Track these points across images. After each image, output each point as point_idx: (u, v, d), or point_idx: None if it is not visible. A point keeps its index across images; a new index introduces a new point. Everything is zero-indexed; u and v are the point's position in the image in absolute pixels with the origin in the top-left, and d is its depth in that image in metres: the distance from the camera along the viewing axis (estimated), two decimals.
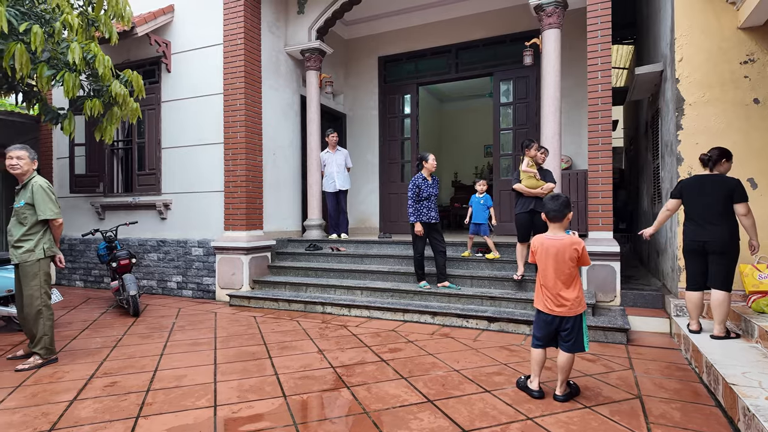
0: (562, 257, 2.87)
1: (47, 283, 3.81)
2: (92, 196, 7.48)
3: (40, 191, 3.73)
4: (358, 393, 3.08)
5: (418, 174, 5.47)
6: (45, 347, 3.75)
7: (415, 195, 5.36)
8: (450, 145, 13.36)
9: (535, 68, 7.22)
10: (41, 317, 3.73)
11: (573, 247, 2.86)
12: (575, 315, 2.86)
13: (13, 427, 2.63)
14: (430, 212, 5.38)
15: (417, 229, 5.32)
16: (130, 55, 7.07)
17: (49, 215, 3.74)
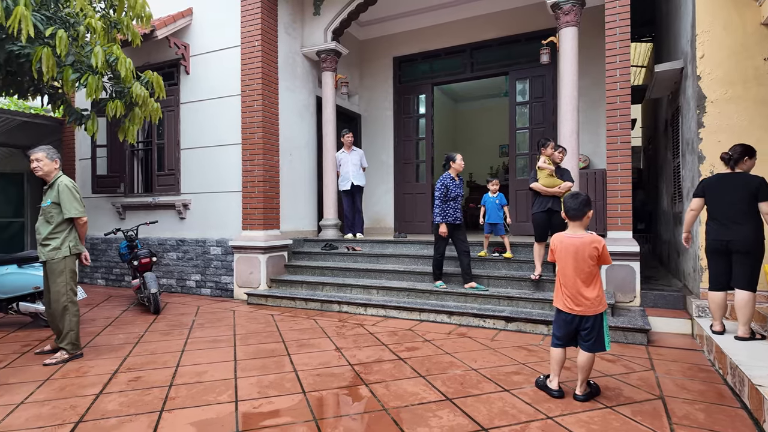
0: (581, 255, 2.85)
1: (73, 280, 3.90)
2: (113, 197, 7.64)
3: (66, 190, 3.84)
4: (376, 390, 3.10)
5: (446, 174, 5.36)
6: (71, 342, 3.85)
7: (443, 195, 5.25)
8: (464, 145, 13.30)
9: (551, 67, 7.17)
10: (67, 313, 3.82)
11: (593, 245, 2.84)
12: (595, 314, 2.84)
13: (42, 419, 2.71)
14: (456, 213, 5.30)
15: (441, 230, 5.22)
16: (150, 57, 7.20)
17: (74, 214, 3.83)
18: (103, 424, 2.64)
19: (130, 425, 2.61)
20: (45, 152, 3.93)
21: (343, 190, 7.37)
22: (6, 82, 4.99)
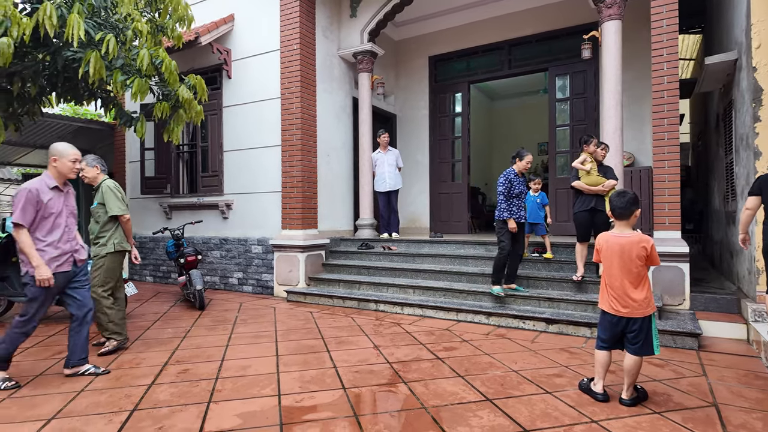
0: (628, 256, 2.77)
1: (112, 276, 4.10)
2: (160, 197, 7.99)
3: (108, 191, 4.09)
4: (415, 389, 3.11)
5: (510, 169, 5.06)
6: (113, 332, 4.06)
7: (506, 190, 4.94)
8: (501, 144, 13.11)
9: (593, 62, 6.96)
10: (98, 305, 3.99)
11: (641, 245, 2.75)
12: (643, 316, 2.75)
13: (101, 406, 2.88)
14: (520, 211, 5.03)
15: (511, 225, 4.88)
16: (195, 63, 7.48)
17: (116, 211, 4.06)
18: (155, 413, 2.77)
19: (181, 415, 2.74)
20: (85, 161, 4.16)
21: (378, 190, 7.41)
22: (64, 88, 5.32)
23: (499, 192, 5.01)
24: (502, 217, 4.98)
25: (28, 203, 3.19)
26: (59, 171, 3.39)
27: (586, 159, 4.91)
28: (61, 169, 3.38)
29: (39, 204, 3.23)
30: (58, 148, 3.40)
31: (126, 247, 4.19)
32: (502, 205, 4.99)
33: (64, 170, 3.39)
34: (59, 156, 3.38)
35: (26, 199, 3.18)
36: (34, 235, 3.23)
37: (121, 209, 4.11)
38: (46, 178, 3.36)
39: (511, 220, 4.92)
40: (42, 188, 3.28)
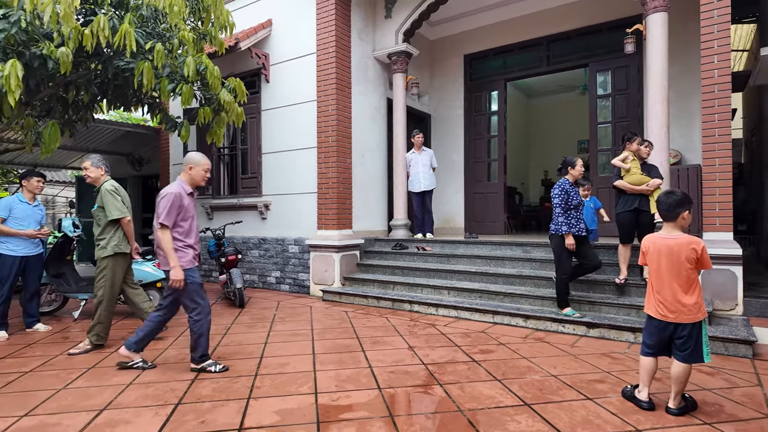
0: (677, 258, 2.65)
1: (117, 279, 4.14)
2: (203, 198, 8.27)
3: (106, 194, 4.10)
4: (451, 391, 3.09)
5: (564, 180, 4.69)
6: (97, 334, 4.09)
7: (563, 202, 4.57)
8: (539, 142, 12.83)
9: (636, 56, 6.71)
10: (101, 307, 4.07)
11: (691, 246, 2.62)
12: (693, 322, 2.62)
13: (148, 399, 3.01)
14: (579, 223, 4.64)
15: (569, 242, 4.51)
16: (234, 68, 7.70)
17: (115, 215, 4.06)
18: (198, 407, 2.88)
19: (222, 410, 2.83)
20: (91, 161, 4.21)
21: (413, 190, 7.40)
22: (114, 95, 5.61)
23: (556, 204, 4.63)
24: (560, 231, 4.57)
25: (173, 207, 3.41)
26: (193, 178, 3.59)
27: (627, 157, 4.73)
28: (194, 176, 3.59)
29: (180, 207, 3.46)
30: (193, 157, 3.61)
31: (125, 250, 4.17)
32: (559, 219, 4.59)
33: (198, 178, 3.60)
34: (194, 164, 3.57)
35: (171, 203, 3.40)
36: (174, 236, 3.44)
37: (121, 212, 4.09)
38: (183, 184, 3.56)
39: (569, 236, 4.54)
40: (182, 193, 3.50)
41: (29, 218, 4.76)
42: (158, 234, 3.40)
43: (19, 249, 4.66)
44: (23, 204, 4.74)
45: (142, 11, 4.85)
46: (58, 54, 4.01)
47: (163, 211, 3.38)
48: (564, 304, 4.68)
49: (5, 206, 4.61)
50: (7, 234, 4.59)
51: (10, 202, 4.67)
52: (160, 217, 3.39)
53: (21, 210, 4.70)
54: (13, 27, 3.83)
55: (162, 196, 3.45)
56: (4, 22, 3.85)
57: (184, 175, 3.61)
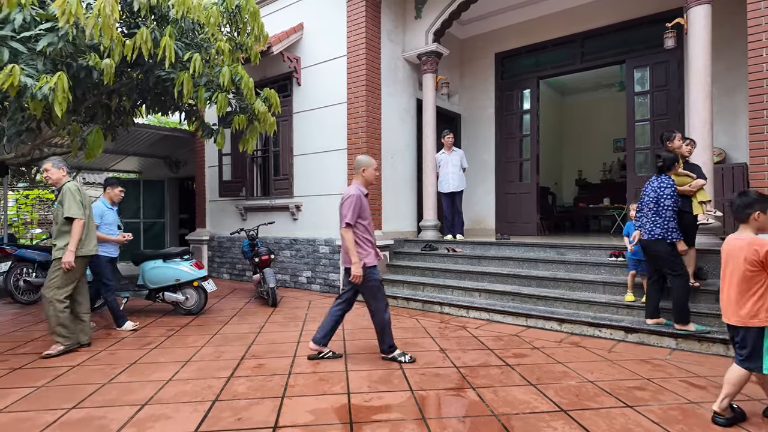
0: (738, 259, 2.54)
1: (71, 280, 4.08)
2: (236, 199, 8.47)
3: (68, 193, 4.09)
4: (484, 395, 3.05)
5: (667, 177, 4.14)
6: (59, 335, 4.02)
7: (675, 203, 4.06)
8: (573, 141, 12.53)
9: (677, 52, 6.46)
10: (50, 308, 4.00)
11: (753, 247, 2.50)
12: (746, 326, 2.51)
13: (187, 395, 3.11)
14: None
15: (681, 248, 4.09)
16: (267, 72, 7.86)
17: (70, 213, 4.02)
18: (234, 404, 2.95)
19: (257, 408, 2.89)
20: (51, 162, 4.19)
21: (442, 191, 7.36)
22: (153, 101, 5.82)
23: (667, 206, 4.03)
24: (672, 238, 4.02)
25: (356, 207, 3.63)
26: (367, 179, 3.78)
27: None
28: (368, 177, 3.78)
29: (361, 208, 3.68)
30: (364, 160, 3.78)
31: (84, 253, 4.12)
32: (669, 224, 4.03)
33: (371, 177, 3.80)
34: (366, 166, 3.76)
35: (355, 204, 3.62)
36: (356, 233, 3.68)
37: (77, 213, 4.04)
38: (359, 187, 3.75)
39: (680, 242, 4.07)
40: (361, 194, 3.71)
41: (114, 223, 5.16)
42: (342, 233, 3.65)
43: (110, 251, 5.04)
44: (109, 210, 5.10)
45: (181, 24, 5.01)
46: (102, 65, 4.20)
47: (348, 211, 3.61)
48: (686, 320, 4.03)
49: (98, 214, 4.92)
50: (104, 240, 4.89)
51: (101, 209, 5.01)
52: (346, 217, 3.61)
53: (109, 216, 5.09)
54: (60, 41, 4.03)
55: (345, 199, 3.67)
56: (53, 35, 4.06)
57: (358, 178, 3.81)
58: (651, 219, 4.10)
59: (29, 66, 4.01)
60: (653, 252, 4.12)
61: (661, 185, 4.10)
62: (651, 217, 4.10)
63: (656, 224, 4.05)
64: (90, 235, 4.26)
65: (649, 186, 4.22)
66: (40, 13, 4.16)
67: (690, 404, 2.86)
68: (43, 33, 4.06)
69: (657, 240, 4.05)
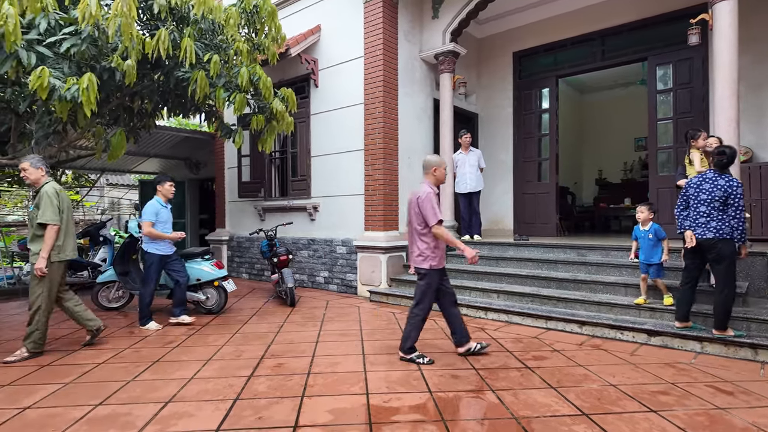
0: None
1: (54, 286, 4.01)
2: (255, 200, 8.57)
3: (45, 196, 3.91)
4: (504, 397, 3.03)
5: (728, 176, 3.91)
6: (33, 341, 3.98)
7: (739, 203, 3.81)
8: (593, 140, 12.33)
9: (701, 48, 6.31)
10: (37, 314, 3.95)
11: None
12: None
13: (209, 393, 3.16)
14: None
15: (745, 252, 3.92)
16: (285, 74, 7.93)
17: (43, 219, 3.86)
18: (255, 403, 2.98)
19: (277, 407, 2.92)
20: (29, 161, 4.01)
21: (459, 192, 7.32)
22: (174, 103, 5.93)
23: (739, 206, 3.78)
24: (741, 240, 3.81)
25: (435, 202, 3.68)
26: (438, 178, 3.82)
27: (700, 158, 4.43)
28: (439, 176, 3.82)
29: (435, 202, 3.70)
30: (434, 160, 3.80)
31: (63, 258, 4.01)
32: (732, 222, 3.79)
33: (442, 177, 3.84)
34: (437, 166, 3.79)
35: (433, 200, 3.67)
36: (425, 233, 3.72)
37: (52, 219, 3.88)
38: (431, 186, 3.77)
39: (745, 246, 3.90)
40: (433, 192, 3.75)
41: (168, 220, 5.24)
42: (435, 231, 3.65)
43: (162, 248, 5.11)
44: (164, 208, 5.20)
45: (201, 25, 5.09)
46: (124, 66, 4.30)
47: (431, 209, 3.64)
48: (727, 325, 3.91)
49: (153, 212, 5.05)
50: (159, 237, 5.02)
51: (156, 207, 5.12)
52: (435, 215, 3.63)
53: (164, 214, 5.18)
54: (83, 43, 4.14)
55: (420, 198, 3.70)
56: (76, 38, 4.17)
57: (429, 178, 3.82)
58: (717, 218, 3.82)
59: (55, 69, 4.12)
60: (717, 252, 3.81)
61: (731, 184, 3.81)
62: (717, 216, 3.82)
63: (724, 223, 3.80)
64: (68, 241, 4.07)
65: (709, 183, 3.90)
66: (63, 17, 4.28)
67: (717, 410, 2.80)
68: (66, 36, 4.17)
69: (725, 240, 3.79)
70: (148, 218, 5.01)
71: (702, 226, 3.90)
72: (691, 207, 4.00)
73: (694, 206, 3.98)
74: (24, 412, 2.89)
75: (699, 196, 3.95)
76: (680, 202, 4.13)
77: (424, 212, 3.68)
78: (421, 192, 3.72)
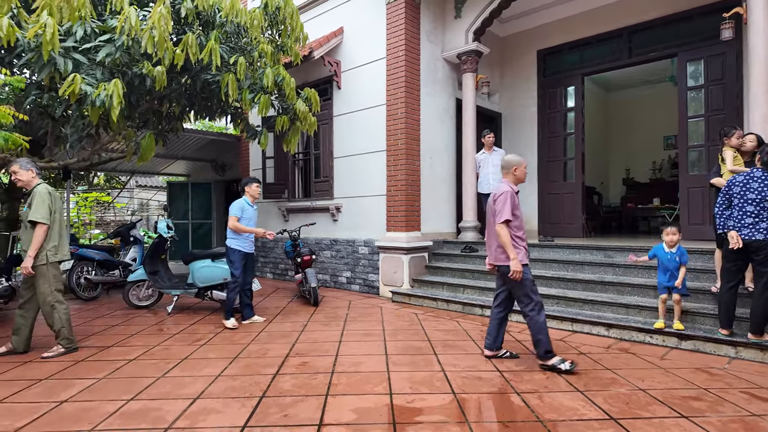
0: None
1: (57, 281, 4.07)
2: (279, 201, 8.69)
3: (37, 196, 3.94)
4: (529, 400, 3.00)
5: None
6: (65, 338, 4.09)
7: None
8: (620, 139, 12.05)
9: (735, 43, 6.09)
10: (55, 311, 4.03)
11: None
12: None
13: (235, 391, 3.22)
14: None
15: None
16: (308, 76, 8.02)
17: (34, 217, 3.87)
18: (281, 401, 3.03)
19: (302, 405, 2.96)
20: (19, 164, 4.05)
21: (482, 192, 7.26)
22: (200, 106, 6.07)
23: None
24: None
25: (512, 203, 3.63)
26: (518, 178, 3.80)
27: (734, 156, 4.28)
28: (519, 175, 3.80)
29: (514, 205, 3.68)
30: (515, 159, 3.78)
31: (56, 258, 4.02)
32: None
33: (522, 176, 3.83)
34: (518, 165, 3.78)
35: (510, 200, 3.62)
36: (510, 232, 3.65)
37: (42, 217, 3.88)
38: (511, 185, 3.73)
39: None
40: (513, 191, 3.71)
41: (253, 219, 5.37)
42: (498, 229, 3.62)
43: (244, 246, 5.22)
44: (249, 207, 5.32)
45: (226, 28, 5.19)
46: (155, 72, 4.42)
47: (504, 208, 3.59)
48: (764, 330, 3.77)
49: (239, 207, 5.20)
50: (243, 231, 5.17)
51: (242, 204, 5.25)
52: (502, 213, 3.59)
53: (249, 212, 5.30)
54: (117, 51, 4.28)
55: (498, 195, 3.68)
56: (111, 46, 4.32)
57: (509, 177, 3.80)
58: (767, 218, 3.67)
59: (89, 75, 4.28)
60: (766, 254, 3.65)
61: None
62: (766, 217, 3.67)
63: None
64: (62, 242, 4.12)
65: (758, 182, 3.73)
66: (99, 25, 4.44)
67: (752, 417, 2.70)
68: (101, 44, 4.32)
69: None
70: (234, 213, 5.16)
71: (749, 227, 3.73)
72: (736, 207, 3.82)
73: (739, 206, 3.80)
74: (61, 405, 3.01)
75: (746, 196, 3.77)
76: (722, 202, 3.93)
77: (496, 207, 3.65)
78: (500, 190, 3.69)
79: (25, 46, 4.11)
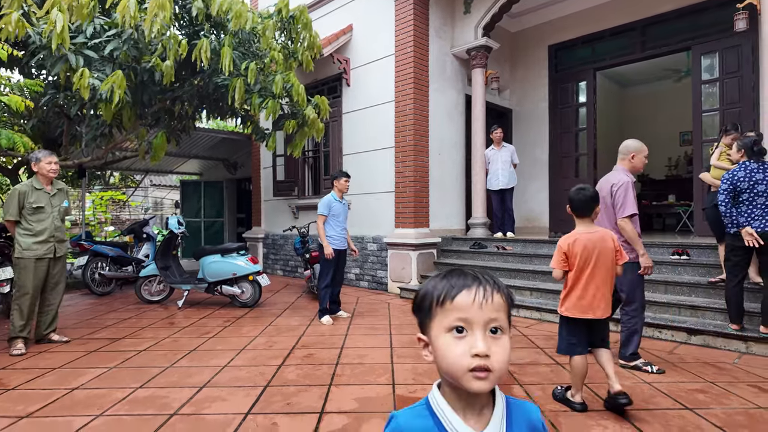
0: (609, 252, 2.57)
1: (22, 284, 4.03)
2: (289, 198, 8.77)
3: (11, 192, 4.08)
4: (531, 392, 2.99)
5: None
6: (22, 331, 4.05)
7: None
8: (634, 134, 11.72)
9: (750, 34, 5.97)
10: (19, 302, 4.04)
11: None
12: None
13: (240, 380, 3.28)
14: None
15: None
16: (317, 74, 8.07)
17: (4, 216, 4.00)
18: (284, 390, 3.07)
19: (306, 394, 3.00)
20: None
21: (491, 188, 7.23)
22: (212, 107, 6.18)
23: None
24: None
25: (632, 194, 3.28)
26: (635, 165, 3.45)
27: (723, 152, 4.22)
28: (636, 163, 3.45)
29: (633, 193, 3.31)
30: (634, 145, 3.46)
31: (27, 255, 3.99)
32: None
33: (640, 165, 3.47)
34: (636, 152, 3.44)
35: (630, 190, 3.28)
36: None
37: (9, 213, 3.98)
38: (626, 172, 3.41)
39: None
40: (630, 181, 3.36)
41: (342, 214, 5.33)
42: (622, 224, 3.26)
43: (334, 242, 5.19)
44: (337, 202, 5.30)
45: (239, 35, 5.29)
46: (163, 67, 4.52)
47: (627, 200, 3.24)
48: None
49: (326, 204, 5.19)
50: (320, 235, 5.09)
51: (329, 200, 5.22)
52: (626, 207, 3.24)
53: (337, 207, 5.28)
54: (124, 44, 4.38)
55: (616, 185, 3.31)
56: (117, 40, 4.42)
57: (624, 164, 3.47)
58: None
59: (99, 71, 4.39)
60: None
61: None
62: None
63: None
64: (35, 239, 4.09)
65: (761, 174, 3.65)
66: (107, 21, 4.55)
67: (758, 409, 2.66)
68: (109, 39, 4.43)
69: None
70: (321, 212, 5.11)
71: (759, 219, 3.62)
72: (745, 202, 3.71)
73: (749, 200, 3.69)
74: (73, 392, 3.09)
75: (756, 188, 3.66)
76: (726, 198, 3.78)
77: (618, 201, 3.26)
78: (616, 179, 3.31)
79: (38, 43, 4.23)
